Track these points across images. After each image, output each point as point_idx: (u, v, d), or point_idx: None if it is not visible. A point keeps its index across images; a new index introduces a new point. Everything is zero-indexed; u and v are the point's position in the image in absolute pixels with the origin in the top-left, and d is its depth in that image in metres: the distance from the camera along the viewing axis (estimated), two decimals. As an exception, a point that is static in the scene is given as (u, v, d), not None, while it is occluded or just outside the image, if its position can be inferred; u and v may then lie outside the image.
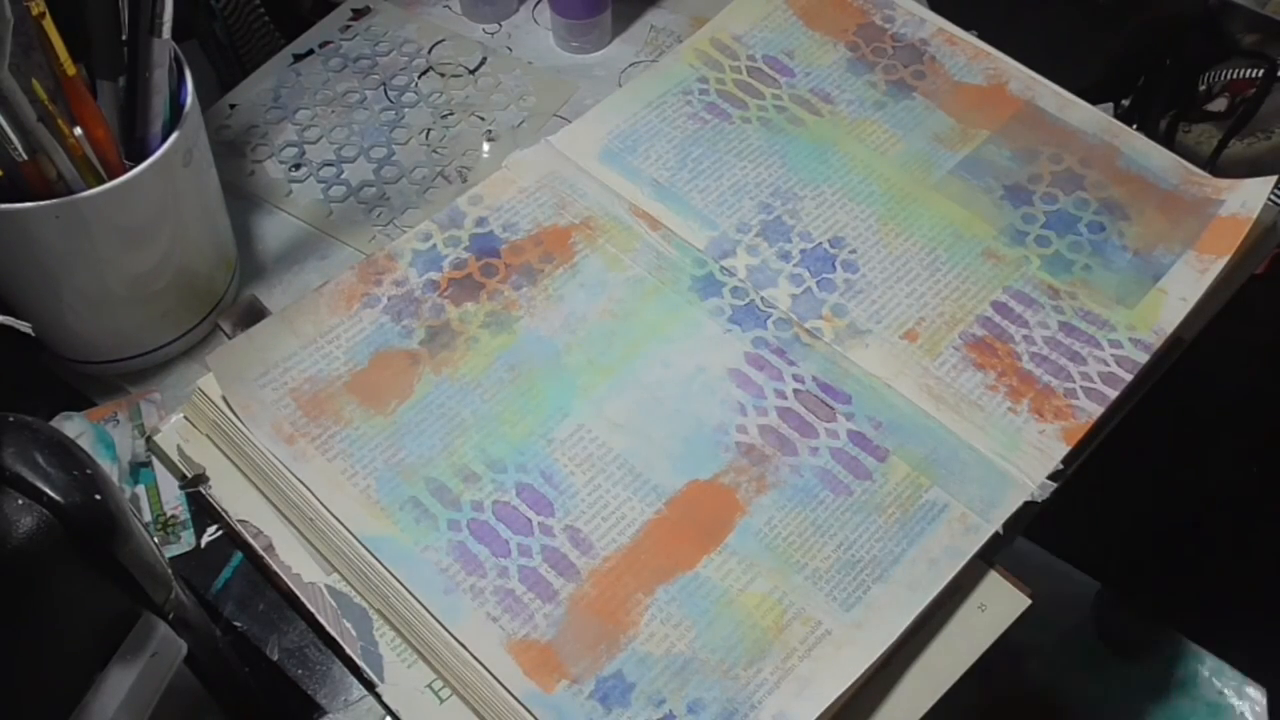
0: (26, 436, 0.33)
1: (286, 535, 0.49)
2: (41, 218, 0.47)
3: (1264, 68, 0.66)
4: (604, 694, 0.43)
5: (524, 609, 0.45)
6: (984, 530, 0.48)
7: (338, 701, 0.47)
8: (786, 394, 0.52)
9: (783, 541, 0.48)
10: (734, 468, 0.50)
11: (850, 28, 0.69)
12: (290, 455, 0.49)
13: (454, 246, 0.57)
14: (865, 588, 0.46)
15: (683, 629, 0.45)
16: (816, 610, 0.46)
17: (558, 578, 0.46)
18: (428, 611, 0.45)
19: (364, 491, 0.48)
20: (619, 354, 0.53)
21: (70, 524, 0.32)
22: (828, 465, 0.50)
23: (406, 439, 0.50)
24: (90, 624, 0.34)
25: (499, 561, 0.46)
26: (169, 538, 0.52)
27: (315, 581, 0.48)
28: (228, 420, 0.51)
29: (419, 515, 0.48)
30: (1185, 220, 0.59)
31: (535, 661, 0.44)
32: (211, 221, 0.56)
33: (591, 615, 0.45)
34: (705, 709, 0.43)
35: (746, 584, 0.46)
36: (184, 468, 0.51)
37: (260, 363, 0.52)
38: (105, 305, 0.54)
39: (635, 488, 0.49)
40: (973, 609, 0.47)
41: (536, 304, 0.55)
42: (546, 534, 0.47)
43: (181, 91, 0.52)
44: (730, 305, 0.55)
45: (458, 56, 0.69)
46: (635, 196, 0.59)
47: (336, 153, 0.65)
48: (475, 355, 0.53)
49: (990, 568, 0.48)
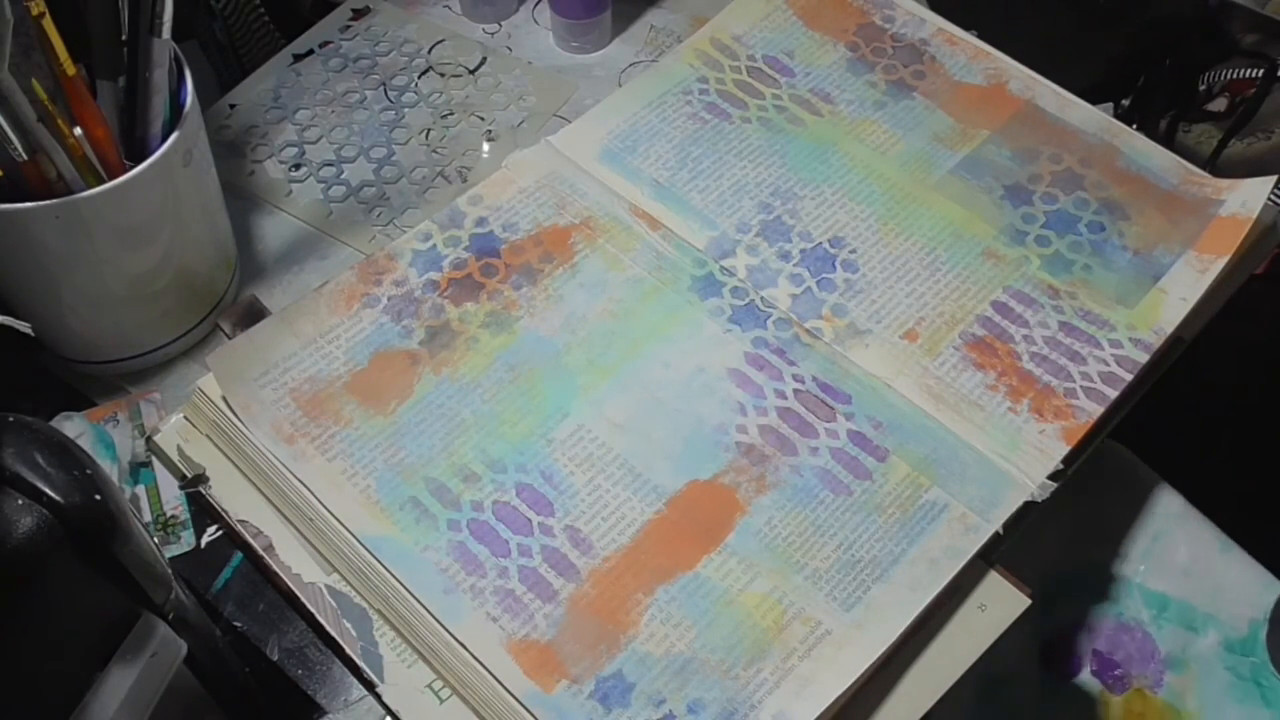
0: (26, 436, 0.33)
1: (286, 535, 0.49)
2: (41, 218, 0.47)
3: (1264, 68, 0.66)
4: (604, 694, 0.43)
5: (524, 609, 0.45)
6: (984, 530, 0.48)
7: (338, 701, 0.47)
8: (786, 394, 0.52)
9: (783, 541, 0.48)
10: (734, 467, 0.50)
11: (850, 28, 0.69)
12: (290, 455, 0.49)
13: (454, 246, 0.57)
14: (865, 588, 0.46)
15: (683, 629, 0.45)
16: (816, 610, 0.46)
17: (558, 578, 0.46)
18: (427, 611, 0.45)
19: (364, 491, 0.48)
20: (619, 354, 0.53)
21: (70, 524, 0.32)
22: (828, 465, 0.50)
23: (406, 439, 0.50)
24: (90, 624, 0.34)
25: (499, 561, 0.46)
26: (169, 538, 0.52)
27: (315, 581, 0.48)
28: (228, 420, 0.51)
29: (419, 515, 0.48)
30: (1185, 220, 0.59)
31: (535, 661, 0.44)
32: (211, 221, 0.56)
33: (591, 615, 0.45)
34: (705, 709, 0.43)
35: (747, 584, 0.46)
36: (184, 468, 0.51)
37: (260, 363, 0.52)
38: (105, 305, 0.54)
39: (635, 488, 0.49)
40: (973, 609, 0.47)
41: (536, 304, 0.55)
42: (546, 534, 0.47)
43: (181, 91, 0.52)
44: (730, 305, 0.55)
45: (458, 56, 0.69)
46: (635, 196, 0.59)
47: (336, 153, 0.65)
48: (475, 355, 0.53)
49: (990, 568, 0.48)
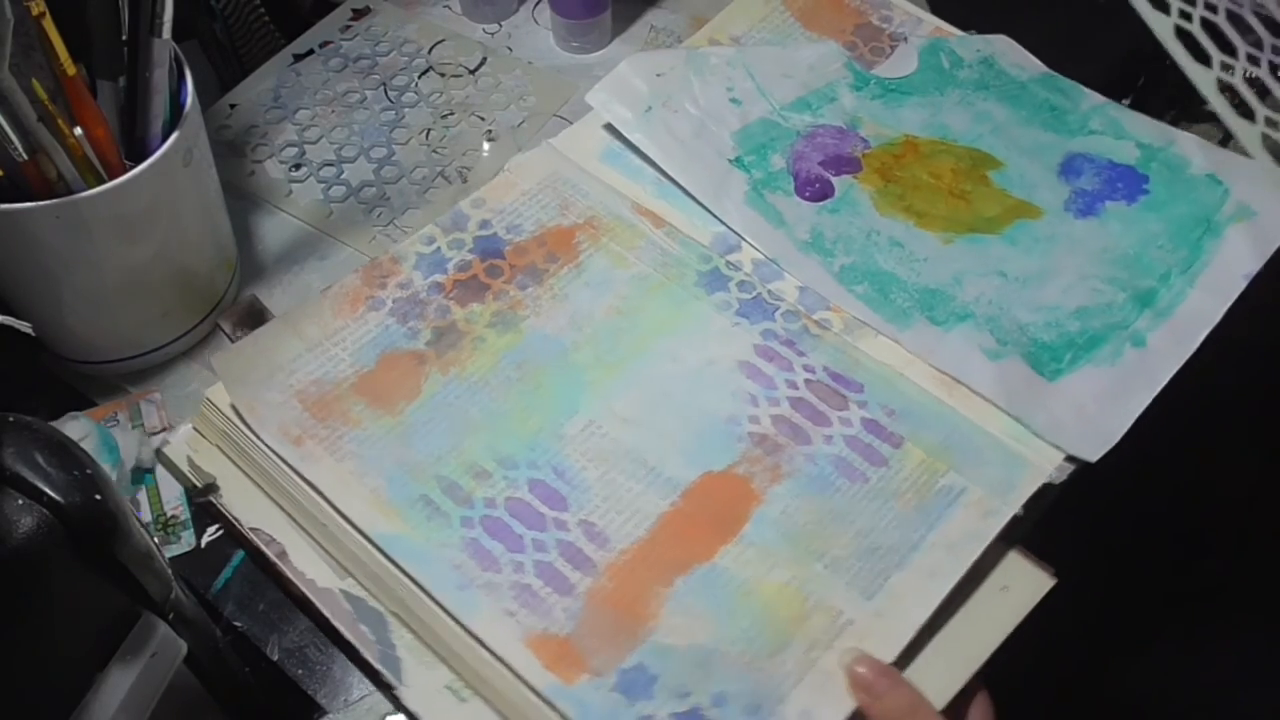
0: (26, 436, 0.33)
1: (299, 541, 0.49)
2: (41, 218, 0.47)
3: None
4: (626, 686, 0.43)
5: (541, 603, 0.45)
6: (1003, 513, 0.47)
7: (338, 701, 0.47)
8: (798, 384, 0.51)
9: (800, 530, 0.47)
10: (748, 458, 0.49)
11: (848, 28, 0.69)
12: (298, 457, 0.48)
13: (458, 249, 0.56)
14: (886, 575, 0.46)
15: (703, 620, 0.44)
16: (837, 599, 0.45)
17: (574, 572, 0.46)
18: (443, 609, 0.44)
19: (374, 491, 0.48)
20: (627, 350, 0.53)
21: (70, 524, 0.32)
22: (842, 453, 0.49)
23: (416, 439, 0.49)
24: (90, 624, 0.34)
25: (514, 557, 0.46)
26: (169, 538, 0.51)
27: (330, 586, 0.47)
28: (236, 429, 0.50)
29: (430, 513, 0.47)
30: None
31: (555, 655, 0.43)
32: (211, 221, 0.56)
33: (610, 608, 0.45)
34: (731, 701, 0.43)
35: (765, 574, 0.46)
36: (194, 478, 0.51)
37: (266, 366, 0.51)
38: (105, 305, 0.53)
39: (649, 481, 0.48)
40: (995, 590, 0.47)
41: (542, 303, 0.54)
42: (561, 529, 0.47)
43: (181, 91, 0.52)
44: (738, 299, 0.55)
45: (458, 56, 0.69)
46: (638, 195, 0.59)
47: (336, 153, 0.65)
48: (482, 354, 0.52)
49: (1010, 548, 0.47)
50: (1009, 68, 0.66)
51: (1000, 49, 0.67)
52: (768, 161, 0.60)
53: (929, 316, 0.54)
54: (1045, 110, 0.64)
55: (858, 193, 0.59)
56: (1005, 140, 0.62)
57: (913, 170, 0.60)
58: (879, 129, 0.62)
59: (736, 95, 0.63)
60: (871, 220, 0.58)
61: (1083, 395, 0.51)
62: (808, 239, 0.57)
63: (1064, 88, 0.65)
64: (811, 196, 0.59)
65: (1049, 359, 0.53)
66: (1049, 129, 0.63)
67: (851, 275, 0.56)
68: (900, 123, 0.63)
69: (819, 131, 0.62)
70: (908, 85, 0.65)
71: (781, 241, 0.57)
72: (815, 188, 0.59)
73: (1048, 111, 0.64)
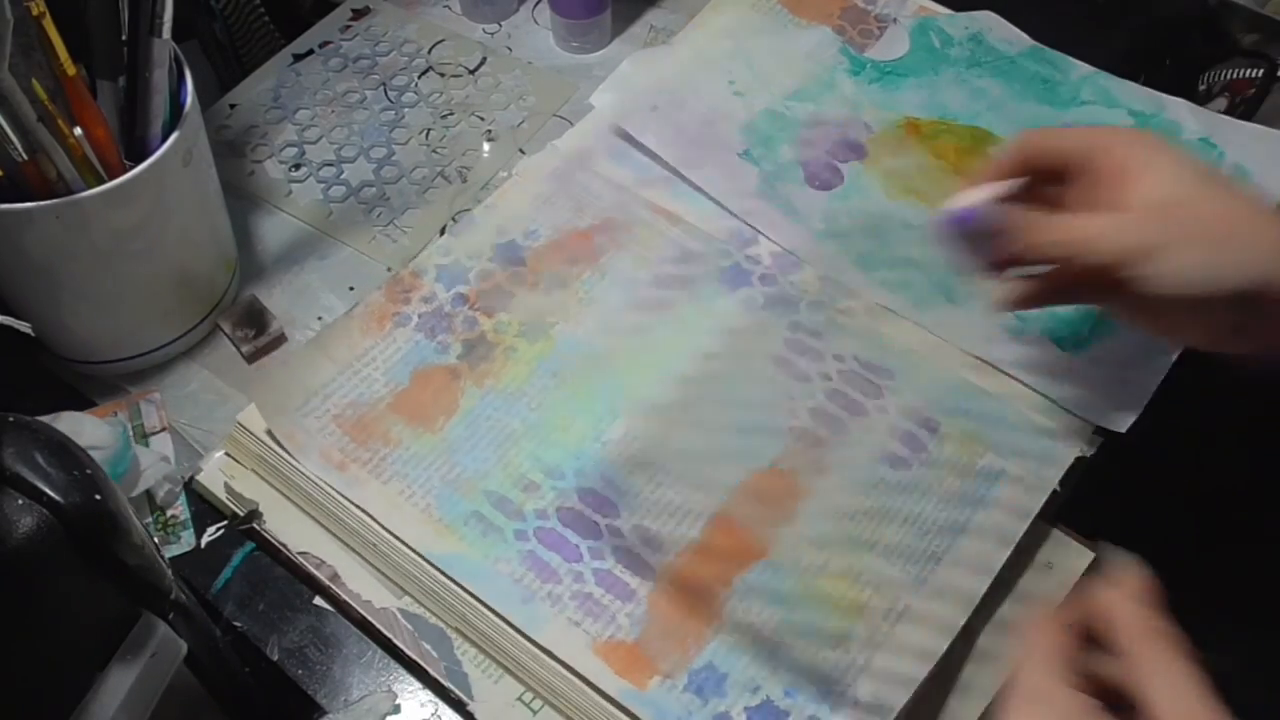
0: (26, 436, 0.33)
1: (350, 563, 0.49)
2: (41, 218, 0.47)
3: (1264, 68, 0.67)
4: (698, 686, 0.43)
5: (604, 611, 0.45)
6: (1043, 489, 0.49)
7: (338, 701, 0.47)
8: (831, 375, 0.52)
9: (849, 521, 0.48)
10: (790, 452, 0.50)
11: (835, 12, 0.70)
12: (344, 482, 0.48)
13: (477, 258, 0.56)
14: (937, 559, 0.47)
15: (765, 616, 0.45)
16: (893, 586, 0.46)
17: (633, 577, 0.46)
18: (508, 624, 0.45)
19: (425, 511, 0.48)
20: (660, 351, 0.53)
21: (70, 524, 0.32)
22: (882, 441, 0.50)
23: (459, 454, 0.50)
24: (90, 624, 0.34)
25: (572, 566, 0.46)
26: (169, 538, 0.51)
27: (387, 606, 0.47)
28: (273, 453, 0.50)
29: (484, 529, 0.47)
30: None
31: (625, 661, 0.44)
32: (211, 221, 0.56)
33: (673, 610, 0.45)
34: (800, 692, 0.44)
35: (821, 566, 0.47)
36: (235, 505, 0.50)
37: (300, 392, 0.51)
38: (105, 305, 0.53)
39: (696, 482, 0.49)
40: (1040, 567, 0.48)
41: (570, 308, 0.55)
42: (615, 535, 0.47)
43: (181, 91, 0.51)
44: (762, 293, 0.55)
45: (458, 56, 0.69)
46: (650, 194, 0.59)
47: (336, 153, 0.64)
48: (515, 364, 0.53)
49: (1052, 526, 0.49)
50: (998, 43, 0.67)
51: (987, 24, 0.68)
52: (776, 153, 0.60)
53: (948, 297, 0.55)
54: (1037, 83, 0.65)
55: (866, 179, 0.60)
56: (1002, 116, 0.63)
57: (917, 152, 0.61)
58: (880, 113, 0.63)
59: (739, 88, 0.63)
60: (882, 205, 0.59)
61: (1106, 366, 0.53)
62: (823, 228, 0.58)
63: (1053, 59, 0.66)
64: (821, 185, 0.59)
65: (1069, 332, 0.54)
66: (1043, 102, 0.64)
67: (869, 262, 0.56)
68: (900, 105, 0.63)
69: (823, 120, 0.62)
70: (903, 67, 0.65)
71: (799, 233, 0.57)
72: (824, 177, 0.60)
73: (1040, 84, 0.65)
